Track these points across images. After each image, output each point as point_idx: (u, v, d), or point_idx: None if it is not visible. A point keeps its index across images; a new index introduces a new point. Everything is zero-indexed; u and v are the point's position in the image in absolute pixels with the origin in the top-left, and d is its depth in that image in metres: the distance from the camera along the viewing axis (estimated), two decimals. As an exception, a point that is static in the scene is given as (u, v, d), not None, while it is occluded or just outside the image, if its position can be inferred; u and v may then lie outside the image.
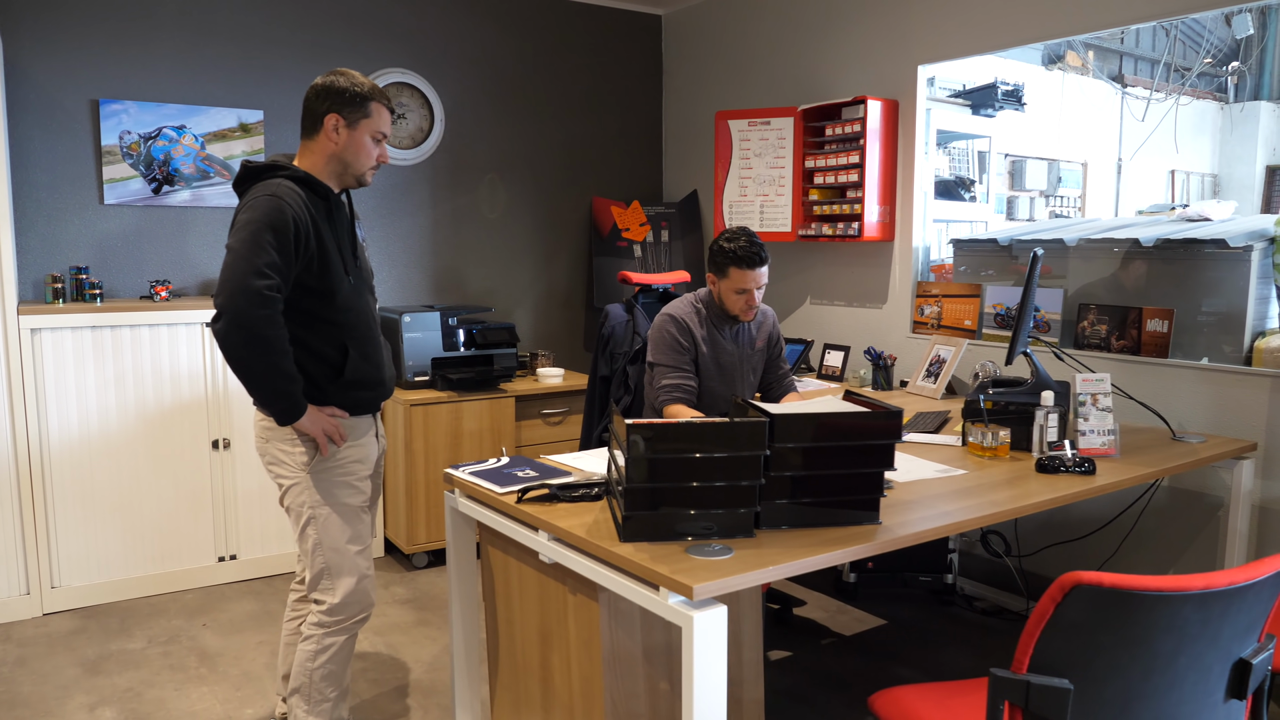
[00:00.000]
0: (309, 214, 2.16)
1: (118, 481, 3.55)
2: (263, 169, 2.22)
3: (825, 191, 4.10)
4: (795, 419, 1.82)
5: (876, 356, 3.81)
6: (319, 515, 2.29)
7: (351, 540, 2.32)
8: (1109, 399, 2.63)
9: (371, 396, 2.37)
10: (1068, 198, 7.38)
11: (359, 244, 2.40)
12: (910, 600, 3.58)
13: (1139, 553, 3.21)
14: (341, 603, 2.31)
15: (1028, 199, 7.08)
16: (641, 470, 1.77)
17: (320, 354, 2.25)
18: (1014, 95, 4.25)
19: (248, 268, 2.06)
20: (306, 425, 2.21)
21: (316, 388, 2.26)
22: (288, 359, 2.15)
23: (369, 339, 2.34)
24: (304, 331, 2.22)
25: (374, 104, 2.24)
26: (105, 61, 3.79)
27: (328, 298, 2.23)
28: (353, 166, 2.27)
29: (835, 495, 1.90)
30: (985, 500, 2.15)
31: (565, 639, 2.07)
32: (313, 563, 2.31)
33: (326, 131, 2.22)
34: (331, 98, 2.21)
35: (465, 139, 4.64)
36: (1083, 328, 3.37)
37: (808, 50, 4.31)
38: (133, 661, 3.08)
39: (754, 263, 2.85)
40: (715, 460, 1.78)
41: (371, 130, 2.25)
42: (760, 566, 1.69)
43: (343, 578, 2.31)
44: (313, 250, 2.17)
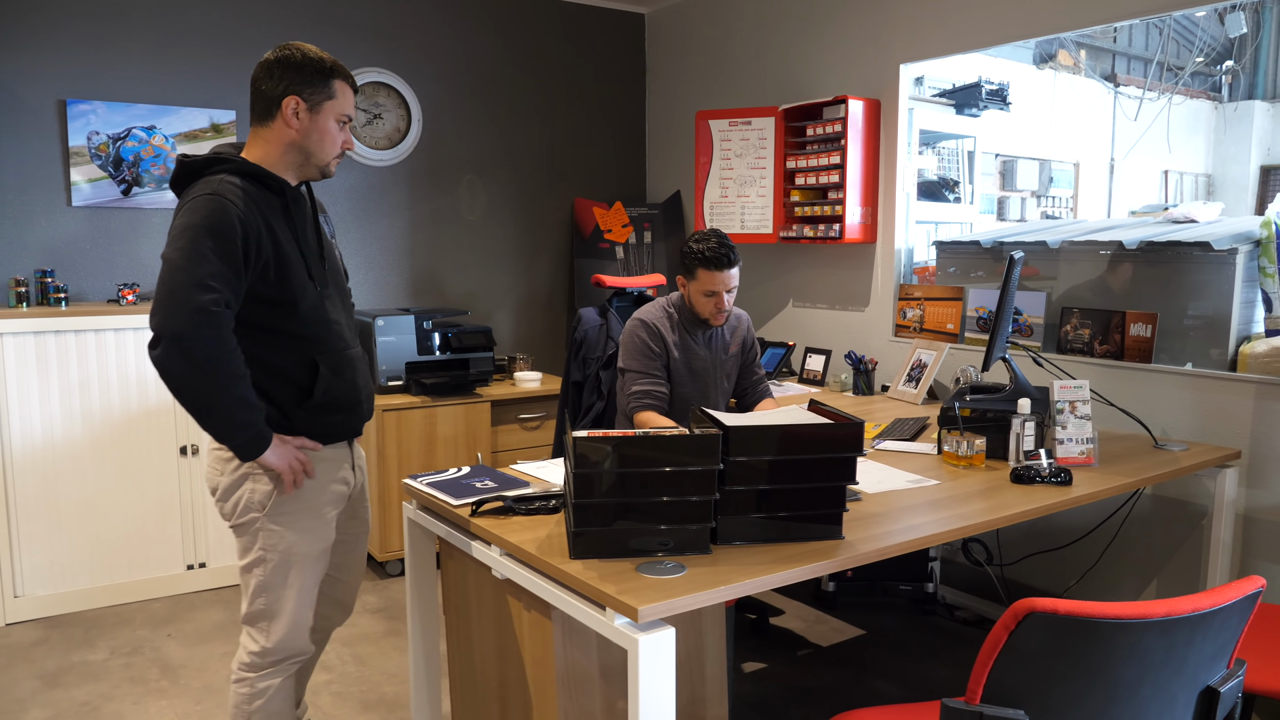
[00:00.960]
0: (260, 214, 1.88)
1: (83, 489, 3.48)
2: (203, 164, 1.91)
3: (807, 193, 4.03)
4: (750, 431, 1.76)
5: (857, 361, 3.74)
6: (271, 559, 2.01)
7: (301, 588, 2.05)
8: (1088, 406, 2.56)
9: (347, 420, 2.09)
10: (1059, 198, 7.31)
11: (326, 242, 2.11)
12: (891, 609, 3.51)
13: (1121, 562, 3.14)
14: (275, 647, 2.06)
15: (1019, 199, 7.02)
16: (590, 485, 1.70)
17: (285, 374, 1.97)
18: (999, 95, 4.19)
19: (187, 281, 1.77)
20: (272, 461, 1.92)
21: (282, 414, 1.97)
22: (245, 383, 1.86)
23: (342, 353, 2.04)
24: (264, 350, 1.94)
25: (338, 82, 1.96)
26: (73, 61, 3.72)
27: (289, 309, 1.94)
28: (316, 156, 1.97)
29: (795, 510, 1.83)
30: (956, 513, 2.08)
31: (520, 656, 2.00)
32: (251, 600, 2.05)
33: (285, 117, 1.92)
34: (289, 76, 1.91)
35: (444, 139, 4.58)
36: (1065, 332, 3.30)
37: (790, 49, 4.25)
38: (93, 674, 3.01)
39: (722, 264, 2.78)
40: (667, 474, 1.71)
41: (336, 113, 1.96)
42: (712, 586, 1.62)
43: (280, 622, 2.05)
44: (267, 256, 1.89)
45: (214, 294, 1.79)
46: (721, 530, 1.83)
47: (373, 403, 2.23)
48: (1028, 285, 3.50)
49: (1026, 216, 6.99)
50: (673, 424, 2.74)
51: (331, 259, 2.12)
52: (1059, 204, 7.32)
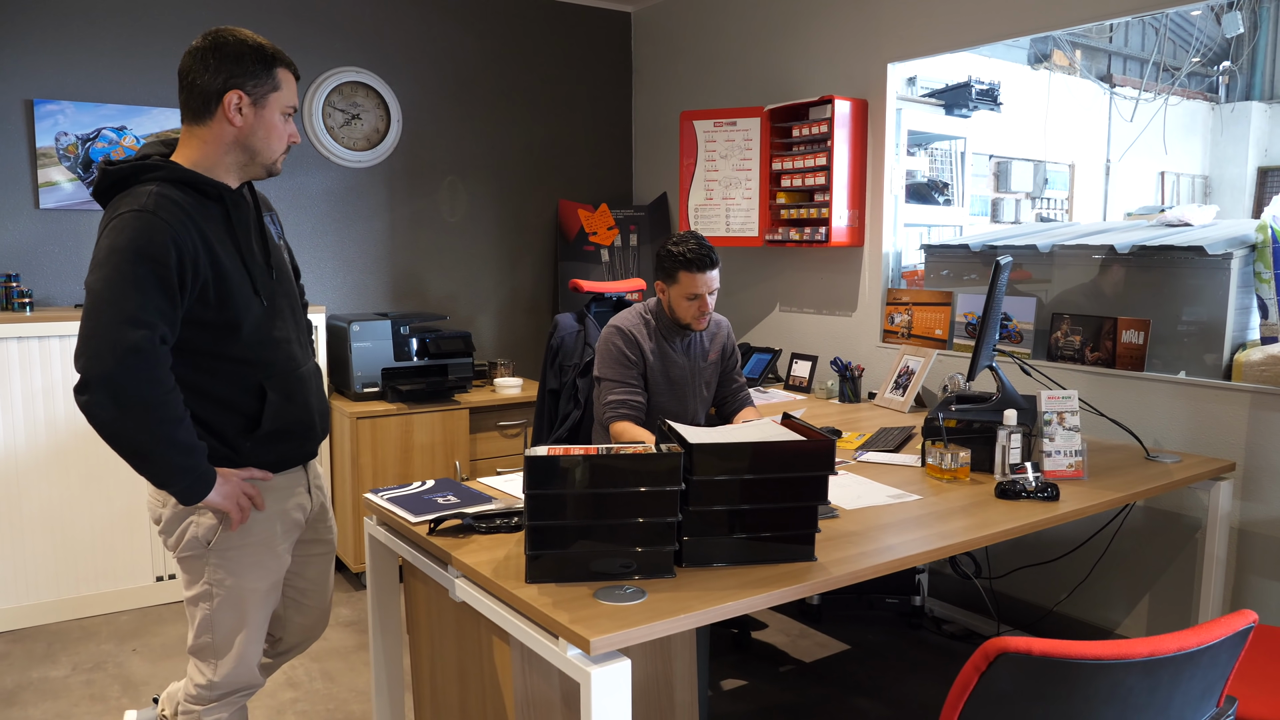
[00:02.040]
0: (196, 229, 1.69)
1: (47, 498, 3.39)
2: (130, 172, 1.70)
3: (793, 195, 3.94)
4: (715, 448, 1.66)
5: (843, 367, 3.65)
6: (217, 595, 1.87)
7: (250, 624, 1.92)
8: (1076, 417, 2.48)
9: (300, 446, 1.95)
10: (1055, 200, 7.22)
11: (273, 247, 1.91)
12: (877, 623, 3.42)
13: (1113, 577, 3.05)
14: (222, 681, 1.93)
15: (1013, 201, 6.93)
16: (544, 505, 1.61)
17: (228, 403, 1.80)
18: (989, 95, 4.10)
19: (117, 316, 1.59)
20: (217, 501, 1.76)
21: (228, 446, 1.81)
22: (184, 426, 1.68)
23: (292, 374, 1.88)
24: (205, 378, 1.76)
25: (281, 70, 1.79)
26: (40, 60, 3.63)
27: (231, 331, 1.76)
28: (262, 155, 1.80)
29: (764, 531, 1.74)
30: (935, 532, 1.99)
31: (481, 679, 1.92)
32: (198, 634, 1.91)
33: (226, 113, 1.73)
34: (227, 67, 1.72)
35: (424, 140, 4.48)
36: (1056, 338, 3.22)
37: (777, 48, 4.16)
38: (53, 691, 2.91)
39: (704, 265, 2.69)
40: (627, 495, 1.62)
41: (282, 105, 1.79)
42: (672, 614, 1.53)
43: (227, 658, 1.92)
44: (205, 277, 1.70)
45: (146, 329, 1.61)
46: (687, 552, 1.74)
47: (328, 421, 2.09)
48: (1018, 290, 3.42)
49: (1021, 219, 6.90)
50: (649, 435, 2.65)
51: (280, 266, 1.94)
52: (1054, 206, 7.23)
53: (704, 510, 1.70)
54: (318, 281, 4.26)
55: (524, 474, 1.58)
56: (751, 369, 4.09)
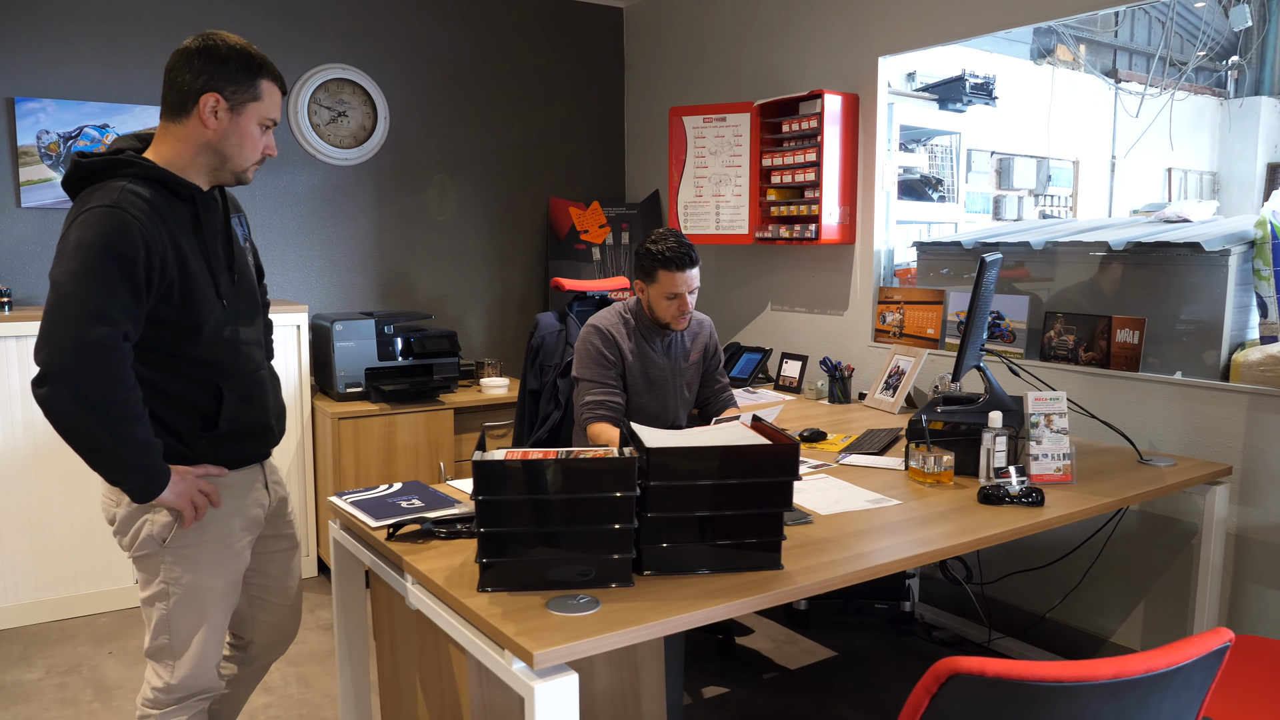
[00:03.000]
0: (165, 229, 1.68)
1: (25, 500, 3.35)
2: (103, 165, 1.69)
3: (783, 192, 3.87)
4: (673, 453, 1.60)
5: (833, 367, 3.58)
6: (173, 593, 1.83)
7: (207, 624, 1.88)
8: (1064, 420, 2.40)
9: (256, 447, 1.94)
10: (1058, 197, 7.13)
11: (238, 251, 1.90)
12: (866, 629, 3.35)
13: (1106, 583, 2.97)
14: (180, 684, 1.89)
15: (1015, 198, 6.83)
16: (495, 512, 1.55)
17: (186, 402, 1.79)
18: (984, 89, 4.01)
19: (81, 310, 1.57)
20: (170, 499, 1.74)
21: (183, 444, 1.80)
22: (141, 424, 1.66)
23: (250, 376, 1.89)
24: (163, 376, 1.75)
25: (265, 81, 1.78)
26: (21, 58, 3.59)
27: (192, 332, 1.76)
28: (233, 161, 1.78)
29: (727, 538, 1.67)
30: (911, 539, 1.92)
31: (440, 688, 1.86)
32: (155, 635, 1.88)
33: (201, 114, 1.72)
34: (210, 69, 1.72)
35: (412, 137, 4.43)
36: (1049, 338, 3.13)
37: (768, 42, 4.09)
38: (25, 694, 2.87)
39: (683, 264, 2.63)
40: (581, 501, 1.56)
41: (260, 116, 1.78)
42: (624, 626, 1.47)
43: (185, 659, 1.88)
44: (172, 276, 1.69)
45: (109, 326, 1.59)
46: (647, 560, 1.67)
47: (284, 423, 2.04)
48: (1010, 289, 3.34)
49: (1024, 215, 6.81)
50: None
51: (243, 269, 1.92)
52: (1058, 203, 7.13)
53: (662, 517, 1.64)
54: (303, 281, 4.22)
55: (473, 479, 1.52)
56: (741, 369, 4.02)
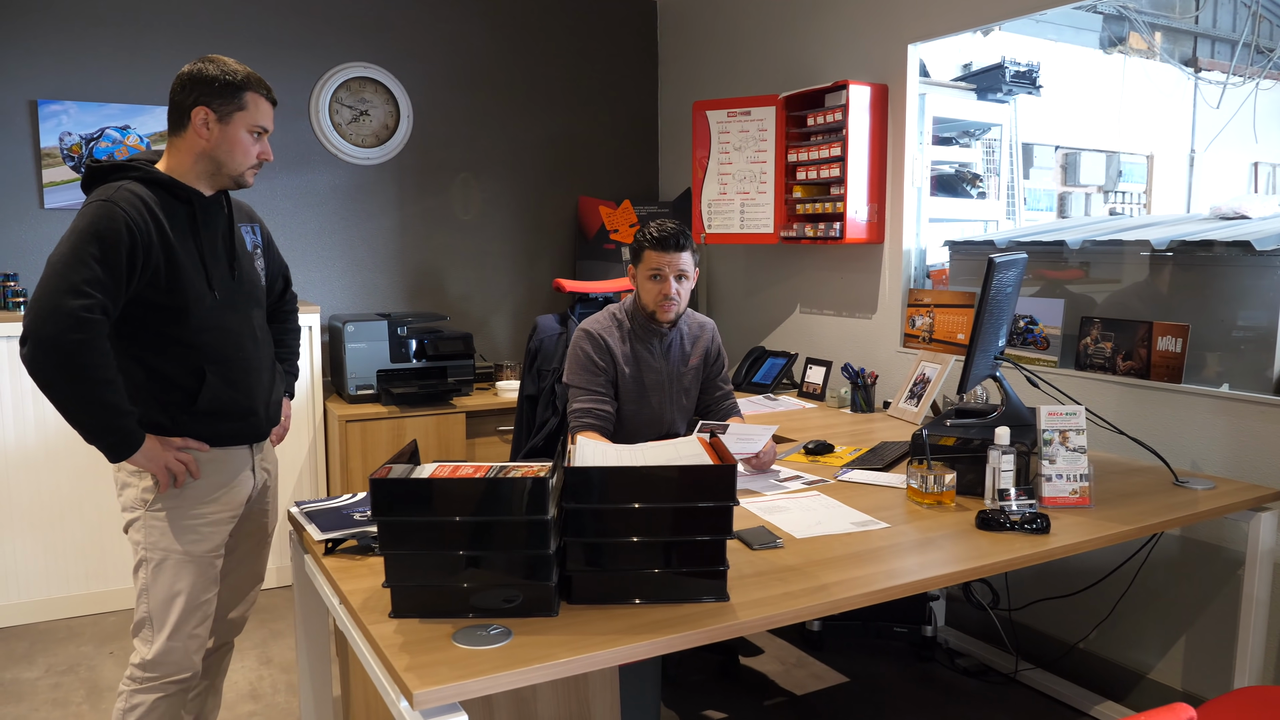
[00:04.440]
0: (154, 221, 1.87)
1: (38, 497, 3.38)
2: (109, 170, 1.93)
3: (809, 188, 3.68)
4: (593, 474, 1.46)
5: (855, 374, 3.38)
6: (152, 559, 1.99)
7: (183, 593, 1.99)
8: (1082, 437, 2.17)
9: (239, 428, 2.06)
10: (1131, 193, 6.71)
11: (242, 254, 2.09)
12: (885, 653, 3.14)
13: (1144, 613, 2.71)
14: (154, 659, 1.98)
15: (1083, 195, 6.46)
16: (397, 533, 1.44)
17: (171, 380, 1.96)
18: (1026, 77, 3.74)
19: (62, 284, 1.77)
20: (142, 462, 1.91)
21: (167, 417, 1.96)
22: (112, 389, 1.84)
23: (236, 362, 2.03)
24: (151, 354, 1.94)
25: (249, 94, 1.97)
26: (44, 61, 3.64)
27: (178, 315, 1.93)
28: (227, 166, 1.98)
29: (663, 567, 1.52)
30: (885, 569, 1.74)
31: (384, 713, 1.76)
32: (137, 605, 2.01)
33: (195, 127, 1.94)
34: (199, 88, 1.93)
35: (435, 136, 4.37)
36: (1085, 345, 2.88)
37: (796, 32, 3.90)
38: (19, 693, 2.88)
39: (667, 245, 2.50)
40: (489, 524, 1.43)
41: (248, 124, 1.97)
42: (529, 663, 1.34)
43: (161, 633, 1.98)
44: (157, 262, 1.88)
45: (87, 299, 1.78)
46: (576, 588, 1.53)
47: (276, 411, 2.19)
48: (1044, 293, 3.09)
49: (1092, 213, 6.43)
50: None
51: (246, 270, 2.10)
52: (1130, 200, 6.72)
53: (585, 542, 1.50)
54: (325, 281, 4.19)
55: (370, 498, 1.41)
56: (764, 375, 3.85)
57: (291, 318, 2.42)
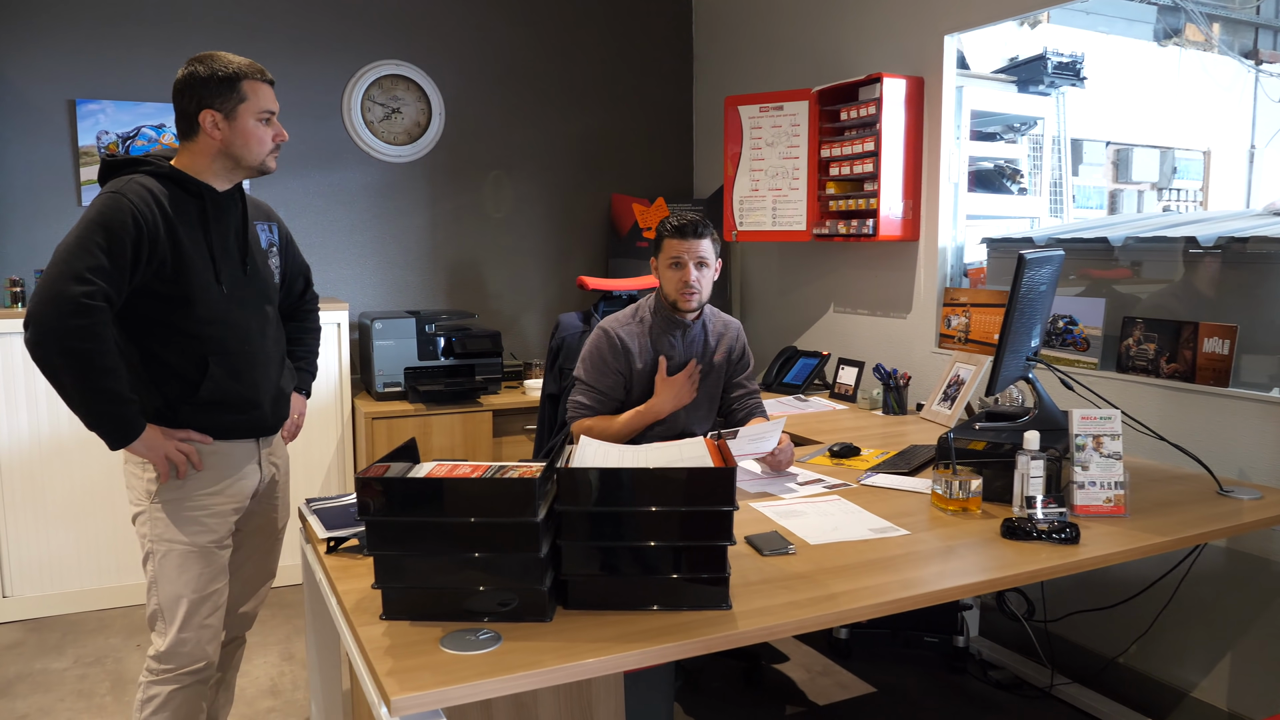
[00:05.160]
0: (163, 214, 1.90)
1: (71, 490, 3.44)
2: (123, 164, 1.96)
3: (842, 184, 3.59)
4: (586, 475, 1.41)
5: (887, 375, 3.28)
6: (157, 551, 2.01)
7: (190, 584, 2.01)
8: (1117, 443, 2.07)
9: (243, 420, 2.07)
10: (1186, 191, 6.48)
11: (255, 250, 2.10)
12: (915, 663, 3.04)
13: (1188, 628, 2.58)
14: (168, 651, 2.01)
15: (1135, 192, 6.25)
16: (384, 533, 1.40)
17: (175, 370, 1.97)
18: (1070, 69, 3.60)
19: (66, 272, 1.80)
20: (142, 451, 1.93)
21: (170, 407, 1.98)
22: (112, 376, 1.85)
23: (242, 355, 2.04)
24: (156, 344, 1.95)
25: (246, 83, 1.97)
26: (81, 61, 3.70)
27: (184, 307, 1.95)
28: (245, 159, 2.00)
29: (660, 573, 1.46)
30: (900, 579, 1.66)
31: None
32: (148, 598, 2.04)
33: (206, 131, 1.95)
34: (198, 92, 1.94)
35: (467, 133, 4.36)
36: (1127, 346, 2.76)
37: (831, 24, 3.81)
38: (47, 683, 2.92)
39: (686, 233, 2.49)
40: (477, 525, 1.38)
41: (254, 113, 1.97)
42: (514, 670, 1.29)
43: (173, 625, 2.01)
44: (164, 254, 1.90)
45: (90, 287, 1.80)
46: (573, 593, 1.49)
47: (284, 406, 2.18)
48: (1085, 292, 2.97)
49: (1144, 211, 6.22)
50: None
51: (260, 267, 2.11)
52: (1185, 197, 6.48)
53: (581, 546, 1.45)
54: (356, 278, 4.21)
55: (355, 497, 1.37)
56: (796, 375, 3.77)
57: (311, 317, 2.42)
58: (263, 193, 3.98)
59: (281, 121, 2.06)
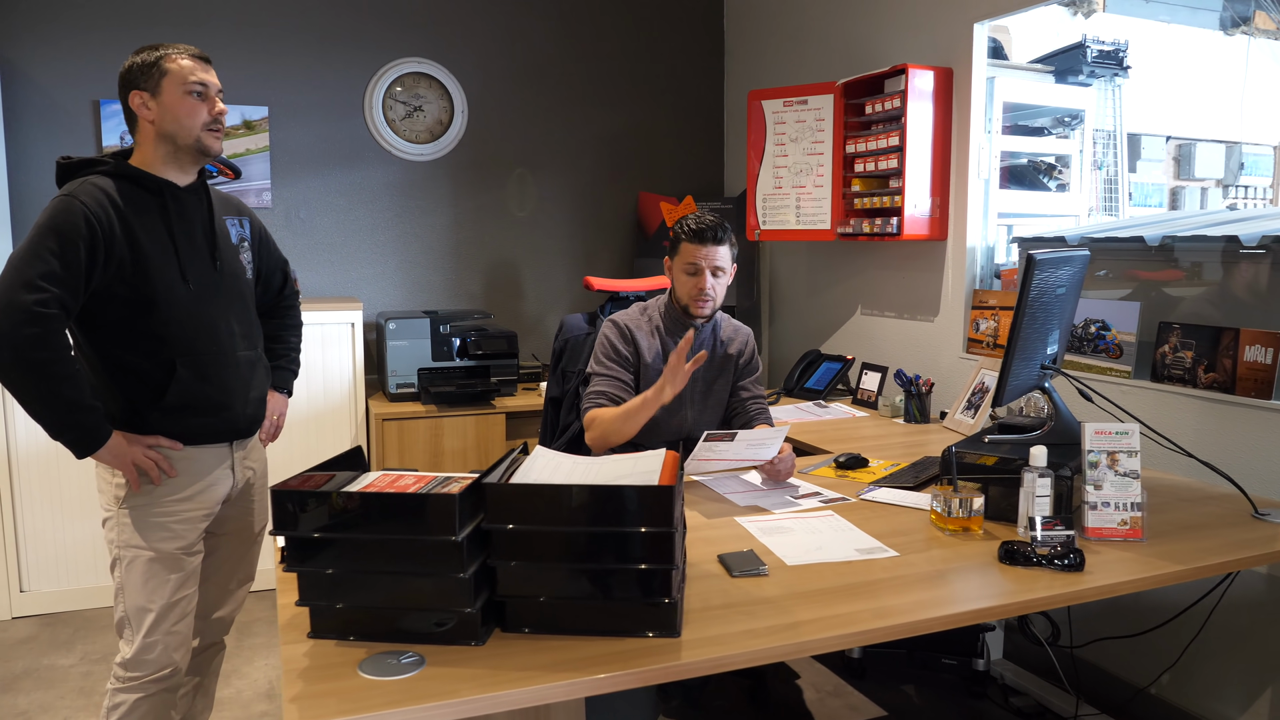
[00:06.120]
0: (119, 213, 1.85)
1: (87, 486, 3.46)
2: (79, 165, 1.92)
3: (868, 181, 3.44)
4: (511, 491, 1.31)
5: (908, 382, 3.12)
6: (124, 557, 1.96)
7: (157, 591, 1.96)
8: (1135, 460, 1.90)
9: (213, 424, 2.01)
10: (1254, 188, 6.13)
11: (225, 245, 2.04)
12: (932, 685, 2.88)
13: (1224, 658, 2.39)
14: (134, 658, 1.96)
15: (1198, 189, 5.94)
16: (303, 548, 1.33)
17: (140, 373, 1.92)
18: (1112, 57, 3.38)
19: (17, 280, 1.76)
20: (108, 459, 1.89)
21: (137, 413, 1.93)
22: (70, 384, 1.81)
23: (212, 356, 1.98)
24: (120, 348, 1.90)
25: (167, 59, 1.91)
26: (106, 60, 3.73)
27: (147, 307, 1.89)
28: (179, 135, 1.92)
29: (601, 597, 1.36)
30: (874, 607, 1.53)
31: None
32: (115, 604, 2.00)
33: (139, 113, 1.91)
34: (127, 78, 1.92)
35: (490, 131, 4.31)
36: (1163, 353, 2.57)
37: (858, 14, 3.65)
38: (51, 680, 2.94)
39: (704, 238, 2.38)
40: (395, 543, 1.30)
41: (180, 84, 1.90)
42: (423, 700, 1.20)
43: (140, 632, 1.96)
44: (122, 255, 1.85)
45: (42, 294, 1.76)
46: (510, 616, 1.39)
47: (258, 408, 2.12)
48: (1119, 295, 2.78)
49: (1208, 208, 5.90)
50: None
51: (230, 262, 2.05)
52: (1254, 194, 6.14)
53: (515, 566, 1.36)
54: (377, 278, 4.18)
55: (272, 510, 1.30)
56: (818, 380, 3.62)
57: (291, 313, 2.37)
58: (282, 191, 3.98)
59: (302, 120, 2.01)
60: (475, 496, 1.33)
